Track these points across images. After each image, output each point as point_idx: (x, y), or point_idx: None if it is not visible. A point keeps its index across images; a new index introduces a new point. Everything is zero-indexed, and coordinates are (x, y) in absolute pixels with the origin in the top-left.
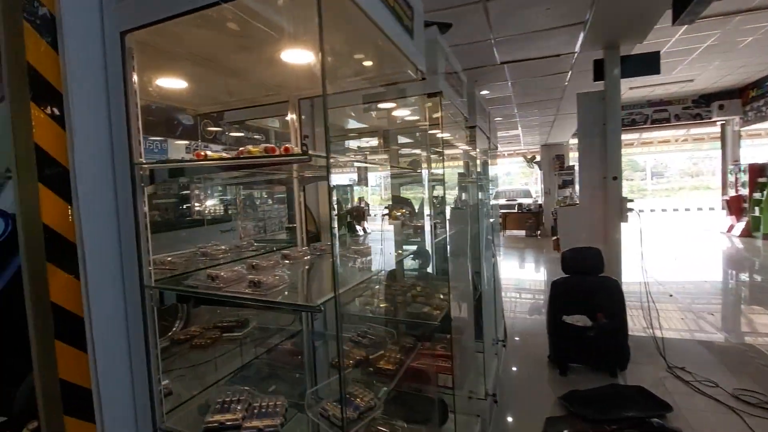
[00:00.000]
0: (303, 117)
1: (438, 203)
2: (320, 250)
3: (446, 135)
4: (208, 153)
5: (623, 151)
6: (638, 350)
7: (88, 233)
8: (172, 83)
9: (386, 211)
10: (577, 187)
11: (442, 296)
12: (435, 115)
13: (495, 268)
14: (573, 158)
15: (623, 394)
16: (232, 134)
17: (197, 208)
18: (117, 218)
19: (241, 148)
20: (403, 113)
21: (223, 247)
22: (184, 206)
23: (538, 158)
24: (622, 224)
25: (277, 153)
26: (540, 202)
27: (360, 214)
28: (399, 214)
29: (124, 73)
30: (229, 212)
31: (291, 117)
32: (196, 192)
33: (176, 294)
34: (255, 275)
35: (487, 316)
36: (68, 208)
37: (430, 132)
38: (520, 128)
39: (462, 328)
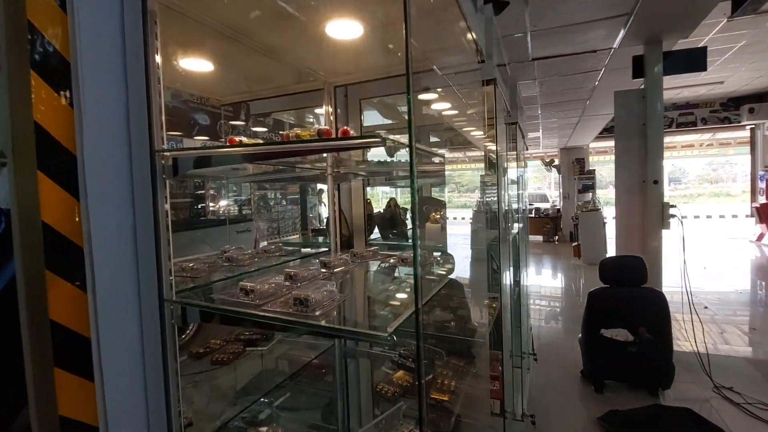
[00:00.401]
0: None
1: (485, 206)
2: (361, 257)
3: (479, 133)
4: (243, 139)
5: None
6: (679, 366)
7: (99, 235)
8: (195, 64)
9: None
10: (599, 191)
11: (485, 308)
12: (473, 110)
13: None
14: (593, 162)
15: (669, 416)
16: (254, 129)
17: (211, 208)
18: (133, 217)
19: (286, 132)
20: (442, 106)
21: (249, 252)
22: (199, 205)
23: (556, 162)
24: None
25: (334, 136)
26: (558, 206)
27: (395, 217)
28: (438, 216)
29: (145, 40)
30: (243, 212)
31: (326, 108)
32: (211, 192)
33: (199, 310)
34: (298, 290)
35: (523, 328)
36: (75, 204)
37: (466, 126)
38: (540, 130)
39: (505, 343)
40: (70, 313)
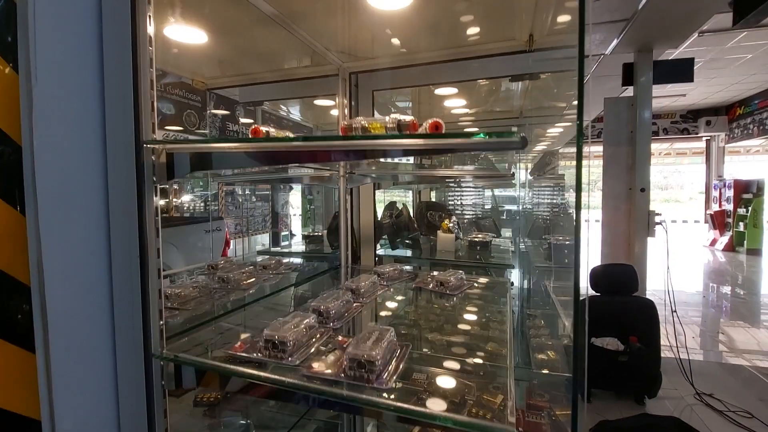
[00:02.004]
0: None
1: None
2: (388, 278)
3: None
4: (271, 131)
5: (598, 162)
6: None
7: (54, 266)
8: (180, 33)
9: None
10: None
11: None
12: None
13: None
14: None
15: (658, 426)
16: (244, 120)
17: (175, 203)
18: (107, 238)
19: (346, 122)
20: (456, 103)
21: (245, 269)
22: (160, 201)
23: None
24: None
25: (420, 132)
26: None
27: (407, 224)
28: (451, 225)
29: None
30: (210, 209)
31: (340, 100)
32: (174, 186)
33: (205, 372)
34: (351, 346)
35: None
36: (18, 221)
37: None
38: None
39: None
40: (8, 386)
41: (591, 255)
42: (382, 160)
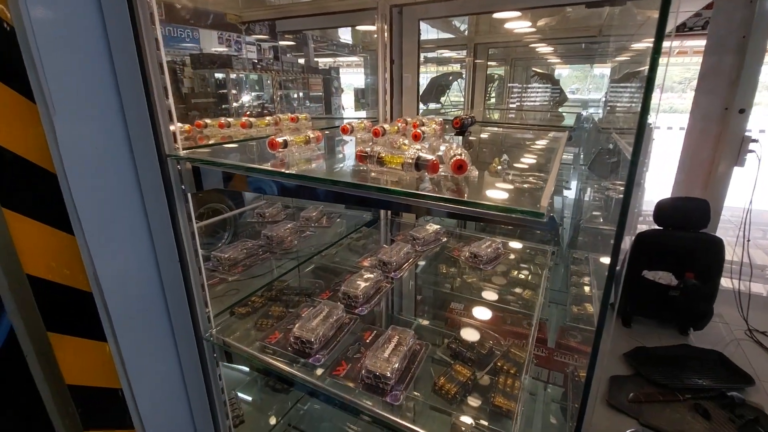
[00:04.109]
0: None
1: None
2: (422, 242)
3: None
4: (288, 139)
5: (689, 59)
6: (715, 304)
7: (108, 276)
8: None
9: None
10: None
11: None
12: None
13: None
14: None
15: (697, 357)
16: (282, 42)
17: (234, 105)
18: (152, 244)
19: (361, 150)
20: (520, 24)
21: (289, 225)
22: (222, 106)
23: None
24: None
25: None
26: None
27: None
28: (499, 167)
29: None
30: (267, 108)
31: (379, 26)
32: (233, 91)
33: (245, 358)
34: (369, 354)
35: None
36: (69, 241)
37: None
38: None
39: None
40: (91, 370)
41: (662, 185)
42: None
